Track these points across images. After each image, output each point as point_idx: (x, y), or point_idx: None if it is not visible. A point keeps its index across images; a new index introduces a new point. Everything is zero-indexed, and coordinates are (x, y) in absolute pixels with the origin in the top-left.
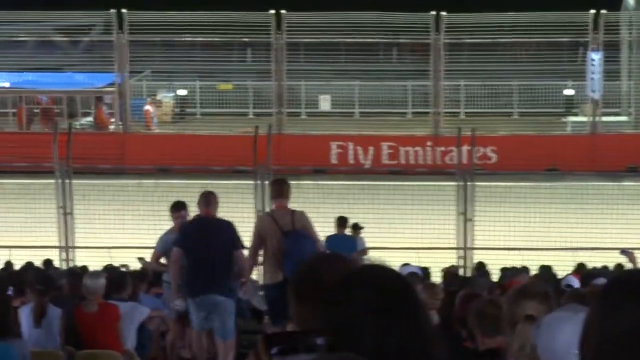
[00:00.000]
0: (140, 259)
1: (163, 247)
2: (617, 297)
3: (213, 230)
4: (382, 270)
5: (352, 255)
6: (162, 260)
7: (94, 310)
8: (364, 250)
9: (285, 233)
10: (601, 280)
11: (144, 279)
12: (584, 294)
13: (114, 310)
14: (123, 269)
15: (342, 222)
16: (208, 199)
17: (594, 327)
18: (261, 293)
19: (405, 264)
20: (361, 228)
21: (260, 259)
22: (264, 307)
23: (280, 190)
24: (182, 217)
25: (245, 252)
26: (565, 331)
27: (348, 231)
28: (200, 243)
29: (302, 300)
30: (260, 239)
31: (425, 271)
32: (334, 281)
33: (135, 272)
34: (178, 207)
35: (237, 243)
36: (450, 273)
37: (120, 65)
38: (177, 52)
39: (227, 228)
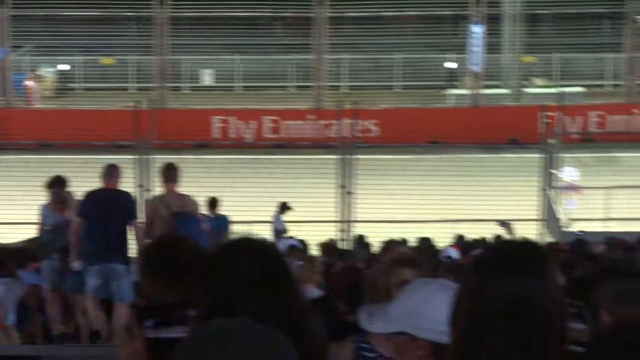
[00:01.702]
0: None
1: (43, 220)
2: (490, 268)
3: (112, 200)
4: (255, 244)
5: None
6: None
7: None
8: (284, 230)
9: (174, 215)
10: (479, 252)
11: (24, 256)
12: (460, 265)
13: None
14: None
15: (213, 203)
16: (110, 171)
17: (467, 298)
18: None
19: (290, 237)
20: (289, 208)
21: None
22: None
23: (170, 175)
24: (55, 194)
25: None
26: (418, 294)
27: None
28: (99, 212)
29: (152, 277)
30: (150, 220)
31: (304, 244)
32: (183, 259)
33: (14, 248)
34: (51, 185)
35: (133, 213)
36: (329, 246)
37: (1, 40)
38: (58, 27)
39: (125, 199)
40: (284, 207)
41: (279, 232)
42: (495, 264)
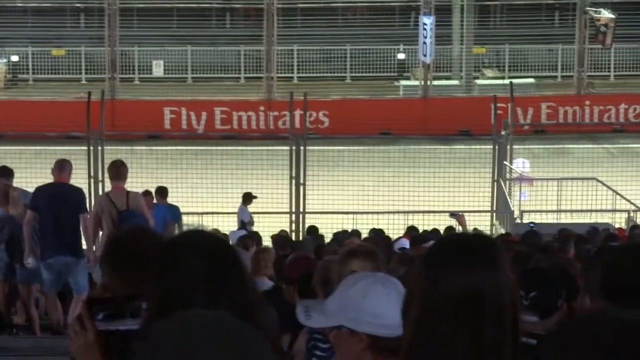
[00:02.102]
0: None
1: None
2: (443, 260)
3: (63, 195)
4: (206, 237)
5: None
6: None
7: None
8: (251, 221)
9: (119, 212)
10: (431, 243)
11: None
12: (413, 257)
13: None
14: None
15: (162, 192)
16: (62, 166)
17: (419, 290)
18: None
19: (241, 229)
20: (254, 197)
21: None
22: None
23: (117, 172)
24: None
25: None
26: (356, 286)
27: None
28: (51, 207)
29: (113, 269)
30: (98, 217)
31: (257, 236)
32: (142, 252)
33: None
34: None
35: (84, 207)
36: (280, 237)
37: None
38: (9, 18)
39: (76, 194)
40: (248, 198)
41: (245, 223)
42: (448, 256)
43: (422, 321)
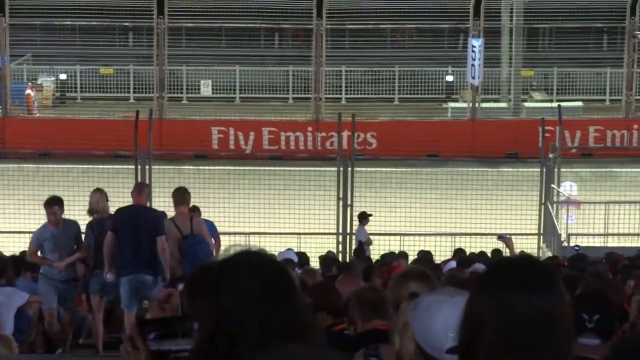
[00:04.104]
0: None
1: (37, 242)
2: (495, 285)
3: (141, 216)
4: (259, 257)
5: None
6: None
7: None
8: (368, 242)
9: (184, 237)
10: (478, 266)
11: (22, 264)
12: (462, 279)
13: None
14: None
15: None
16: (140, 189)
17: (472, 315)
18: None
19: (289, 249)
20: (369, 215)
21: None
22: None
23: (181, 199)
24: (54, 213)
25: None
26: (442, 314)
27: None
28: (129, 228)
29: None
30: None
31: (304, 257)
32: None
33: (13, 257)
34: (51, 203)
35: (160, 229)
36: (328, 258)
37: (0, 49)
38: (58, 36)
39: (154, 216)
40: (364, 217)
41: (362, 243)
42: (506, 280)
43: (490, 347)
